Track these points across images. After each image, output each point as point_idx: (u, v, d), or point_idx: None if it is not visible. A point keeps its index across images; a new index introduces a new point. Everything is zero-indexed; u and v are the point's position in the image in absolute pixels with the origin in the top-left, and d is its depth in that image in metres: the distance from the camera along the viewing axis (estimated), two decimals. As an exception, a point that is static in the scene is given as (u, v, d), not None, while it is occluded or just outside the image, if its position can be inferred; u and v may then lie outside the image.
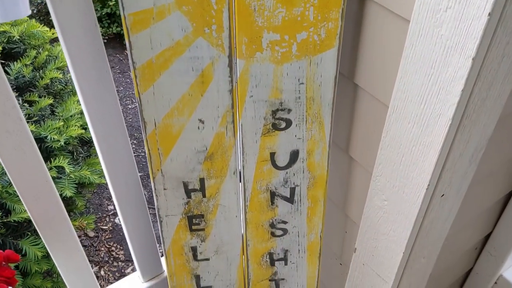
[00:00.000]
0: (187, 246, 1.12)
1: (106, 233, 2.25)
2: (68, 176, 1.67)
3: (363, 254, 1.10)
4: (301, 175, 1.02)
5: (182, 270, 1.16)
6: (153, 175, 0.99)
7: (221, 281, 1.19)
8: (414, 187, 0.86)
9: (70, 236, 1.10)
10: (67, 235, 1.09)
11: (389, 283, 1.05)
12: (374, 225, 1.01)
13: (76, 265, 1.17)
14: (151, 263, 1.36)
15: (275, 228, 1.10)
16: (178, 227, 1.08)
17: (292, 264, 1.18)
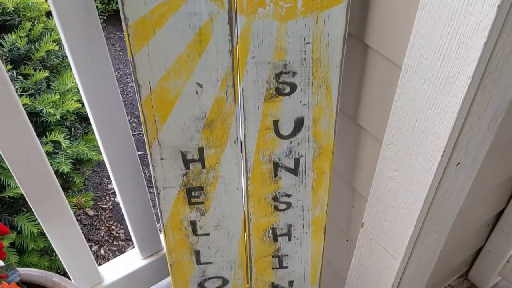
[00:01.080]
0: (186, 220, 1.07)
1: (106, 212, 2.21)
2: (64, 151, 1.62)
3: (371, 229, 1.04)
4: (306, 145, 0.96)
5: (181, 245, 1.11)
6: (149, 144, 0.93)
7: (222, 257, 1.15)
8: (428, 155, 0.80)
9: (63, 209, 1.05)
10: (60, 208, 1.04)
11: (399, 259, 1.00)
12: (383, 198, 0.96)
13: (70, 240, 1.12)
14: (149, 240, 1.31)
15: (279, 202, 1.05)
16: (176, 200, 1.03)
17: (296, 239, 1.12)
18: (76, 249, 1.16)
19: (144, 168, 1.22)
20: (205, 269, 1.17)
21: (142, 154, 2.29)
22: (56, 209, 1.03)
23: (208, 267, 1.16)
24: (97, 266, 1.25)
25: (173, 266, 1.15)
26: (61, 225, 1.07)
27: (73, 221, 1.09)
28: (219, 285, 1.21)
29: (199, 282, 1.19)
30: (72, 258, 1.17)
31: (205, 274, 1.18)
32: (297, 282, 1.22)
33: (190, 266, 1.15)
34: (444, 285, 1.45)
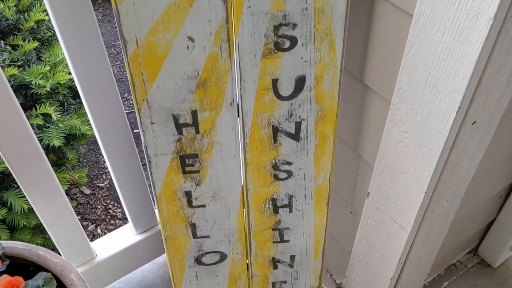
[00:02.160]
0: (180, 191, 1.00)
1: (103, 190, 2.15)
2: (56, 125, 1.56)
3: (377, 198, 0.98)
4: (308, 107, 0.89)
5: (176, 218, 1.05)
6: (138, 106, 0.86)
7: (220, 231, 1.08)
8: (441, 112, 0.73)
9: (49, 179, 0.98)
10: (45, 178, 0.97)
11: (407, 230, 0.94)
12: (391, 163, 0.89)
13: (58, 213, 1.06)
14: (144, 214, 1.25)
15: (279, 170, 0.98)
16: (169, 169, 0.96)
17: (298, 211, 1.06)
18: (65, 223, 1.10)
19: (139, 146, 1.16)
20: (202, 243, 1.11)
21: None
22: (41, 178, 0.97)
23: (205, 241, 1.10)
24: (89, 242, 1.19)
25: (168, 240, 1.09)
26: (48, 196, 1.01)
27: (61, 192, 1.03)
28: (217, 260, 1.15)
29: (196, 257, 1.13)
30: (61, 233, 1.11)
31: (202, 248, 1.11)
32: (299, 256, 1.15)
33: (186, 240, 1.09)
34: (452, 261, 1.39)
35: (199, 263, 1.15)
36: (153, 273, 1.40)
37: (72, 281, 0.86)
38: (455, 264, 1.40)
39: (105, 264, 1.22)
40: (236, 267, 1.17)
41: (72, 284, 0.86)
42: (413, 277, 1.13)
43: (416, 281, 1.17)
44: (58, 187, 1.01)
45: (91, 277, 1.22)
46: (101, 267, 1.22)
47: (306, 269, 1.19)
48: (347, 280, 1.24)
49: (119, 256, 1.24)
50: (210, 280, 1.19)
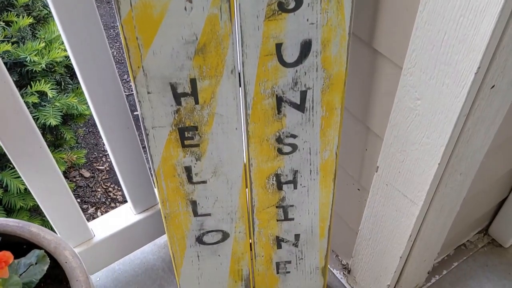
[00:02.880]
0: (180, 166, 0.96)
1: (103, 173, 2.11)
2: (52, 104, 1.51)
3: (386, 173, 0.93)
4: (314, 74, 0.84)
5: (176, 194, 1.00)
6: (133, 74, 0.81)
7: (221, 208, 1.04)
8: (458, 75, 0.68)
9: (42, 154, 0.94)
10: (38, 153, 0.93)
11: (418, 205, 0.89)
12: (402, 134, 0.84)
13: (54, 190, 1.02)
14: (143, 193, 1.21)
15: (283, 144, 0.93)
16: (168, 142, 0.91)
17: (303, 188, 1.01)
18: (60, 201, 1.05)
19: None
20: (203, 222, 1.06)
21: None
22: (33, 153, 0.92)
23: (206, 219, 1.06)
24: (86, 222, 1.15)
25: (168, 219, 1.05)
26: (41, 172, 0.97)
27: (55, 168, 0.98)
28: (219, 240, 1.11)
29: (197, 236, 1.09)
30: (57, 211, 1.06)
31: (203, 227, 1.07)
32: (304, 235, 1.11)
33: (186, 218, 1.05)
34: (462, 241, 1.35)
35: (201, 243, 1.11)
36: (154, 254, 1.36)
37: (67, 259, 0.82)
38: (465, 244, 1.36)
39: (104, 244, 1.18)
40: (239, 246, 1.13)
41: (66, 262, 0.82)
42: (423, 256, 1.08)
43: (426, 261, 1.12)
44: (51, 162, 0.96)
45: (89, 258, 1.18)
46: (99, 247, 1.18)
47: (312, 248, 1.15)
48: (354, 260, 1.19)
49: (117, 236, 1.20)
50: (212, 260, 1.15)
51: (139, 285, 1.29)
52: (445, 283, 1.28)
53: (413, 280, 1.17)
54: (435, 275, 1.29)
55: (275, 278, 1.22)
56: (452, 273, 1.30)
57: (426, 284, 1.27)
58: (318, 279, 1.23)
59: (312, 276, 1.22)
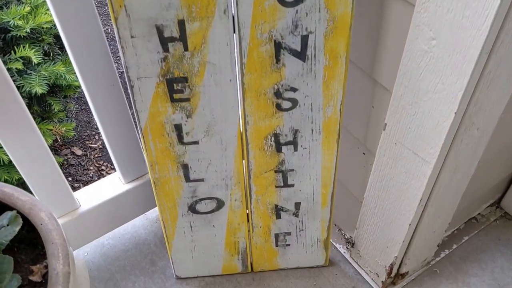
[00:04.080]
0: (169, 124, 0.87)
1: (96, 151, 2.03)
2: (39, 72, 1.42)
3: (395, 130, 0.85)
4: (316, 16, 0.75)
5: (165, 157, 0.92)
6: (115, 15, 0.73)
7: (215, 173, 0.96)
8: (480, 4, 0.59)
9: (18, 110, 0.86)
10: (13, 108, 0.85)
11: (431, 163, 0.81)
12: (414, 83, 0.76)
13: (31, 151, 0.93)
14: (132, 162, 1.13)
15: (282, 99, 0.85)
16: (155, 96, 0.83)
17: (304, 149, 0.93)
18: (41, 166, 0.97)
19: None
20: (195, 188, 0.98)
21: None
22: (7, 107, 0.84)
23: (199, 185, 0.98)
24: (71, 191, 1.07)
25: (158, 184, 0.97)
26: (17, 131, 0.88)
27: (33, 127, 0.90)
28: (213, 208, 1.03)
29: (190, 204, 1.01)
30: (37, 177, 0.98)
31: (196, 194, 0.99)
32: (305, 203, 1.03)
33: (177, 184, 0.97)
34: (473, 213, 1.27)
35: (193, 212, 1.03)
36: (145, 228, 1.28)
37: (42, 220, 0.74)
38: (476, 217, 1.28)
39: (90, 215, 1.11)
40: (235, 216, 1.05)
41: (42, 224, 0.74)
42: (433, 225, 1.01)
43: (436, 231, 1.05)
44: (29, 120, 0.88)
45: (74, 230, 1.10)
46: (86, 218, 1.10)
47: (313, 218, 1.07)
48: (358, 232, 1.12)
49: (105, 206, 1.12)
50: (206, 231, 1.07)
51: (129, 260, 1.21)
52: (456, 258, 1.20)
53: (421, 253, 1.09)
54: (445, 249, 1.21)
55: (273, 251, 1.14)
56: (463, 247, 1.22)
57: (435, 259, 1.19)
58: (320, 253, 1.15)
59: (314, 249, 1.14)
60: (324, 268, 1.19)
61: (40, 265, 0.73)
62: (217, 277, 1.18)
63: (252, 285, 1.16)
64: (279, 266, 1.19)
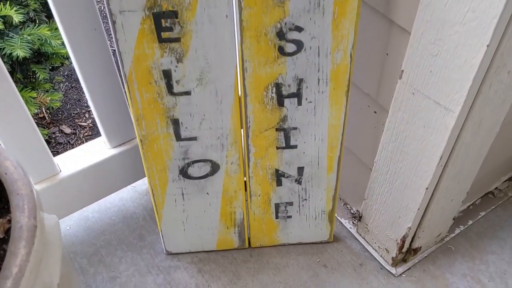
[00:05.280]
0: (157, 70, 0.77)
1: (85, 130, 1.92)
2: (21, 36, 1.32)
3: (414, 76, 0.75)
4: None
5: (153, 110, 0.82)
6: None
7: (209, 130, 0.86)
8: None
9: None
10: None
11: (454, 112, 0.71)
12: (438, 15, 0.65)
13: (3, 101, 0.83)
14: (120, 125, 1.02)
15: (285, 40, 0.75)
16: (140, 34, 0.73)
17: (309, 103, 0.83)
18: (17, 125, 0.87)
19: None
20: (187, 148, 0.88)
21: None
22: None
23: (191, 145, 0.87)
24: (50, 154, 0.97)
25: (145, 143, 0.86)
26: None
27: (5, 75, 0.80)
28: (207, 173, 0.92)
29: (181, 167, 0.91)
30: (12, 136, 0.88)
31: (188, 155, 0.89)
32: (309, 168, 0.93)
33: (167, 143, 0.87)
34: (490, 188, 1.17)
35: (185, 176, 0.93)
36: (134, 201, 1.18)
37: (7, 169, 0.64)
38: (493, 192, 1.18)
39: (72, 182, 1.00)
40: (231, 182, 0.94)
41: (6, 173, 0.64)
42: (452, 191, 0.91)
43: (453, 200, 0.95)
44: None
45: (54, 197, 1.00)
46: (67, 185, 1.00)
47: (317, 186, 0.96)
48: (367, 203, 1.02)
49: (88, 173, 1.02)
50: (199, 199, 0.97)
51: (116, 234, 1.11)
52: (471, 234, 1.10)
53: (436, 225, 0.99)
54: (460, 225, 1.11)
55: (273, 224, 1.04)
56: (479, 223, 1.12)
57: (449, 235, 1.09)
58: (324, 226, 1.05)
59: (318, 222, 1.04)
60: (328, 244, 1.09)
61: (3, 220, 0.62)
62: (211, 253, 1.08)
63: (249, 262, 1.06)
64: (279, 241, 1.08)
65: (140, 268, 1.05)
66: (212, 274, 1.04)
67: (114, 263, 1.06)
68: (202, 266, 1.05)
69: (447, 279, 1.03)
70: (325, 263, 1.06)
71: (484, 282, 1.02)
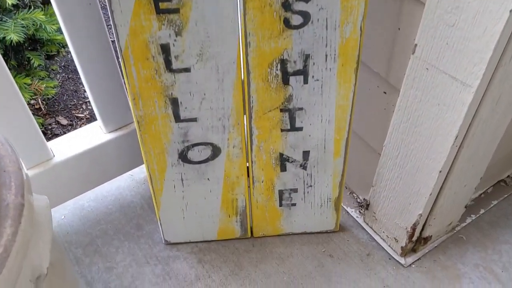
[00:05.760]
0: (154, 44, 0.73)
1: (82, 121, 1.88)
2: (15, 20, 1.28)
3: (428, 50, 0.70)
4: None
5: (151, 88, 0.77)
6: None
7: (210, 111, 0.81)
8: None
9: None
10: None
11: (472, 86, 0.66)
12: (456, -21, 0.61)
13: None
14: (116, 108, 0.98)
15: (291, 12, 0.70)
16: (136, 5, 0.68)
17: (315, 82, 0.79)
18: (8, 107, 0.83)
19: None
20: (187, 130, 0.83)
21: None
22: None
23: (191, 126, 0.83)
24: (43, 138, 0.92)
25: (142, 124, 0.82)
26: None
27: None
28: (207, 157, 0.88)
29: (180, 150, 0.86)
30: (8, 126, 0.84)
31: (188, 138, 0.84)
32: (315, 153, 0.88)
33: (166, 124, 0.82)
34: (502, 175, 1.12)
35: (185, 161, 0.88)
36: (131, 190, 1.13)
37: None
38: (505, 180, 1.14)
39: (66, 167, 0.96)
40: (233, 167, 0.90)
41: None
42: (466, 175, 0.86)
43: (466, 185, 0.90)
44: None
45: (48, 183, 0.95)
46: (61, 171, 0.96)
47: (323, 172, 0.92)
48: (375, 190, 0.97)
49: (83, 158, 0.97)
50: (200, 185, 0.92)
51: (112, 224, 1.07)
52: (483, 223, 1.06)
53: (448, 212, 0.94)
54: (471, 214, 1.07)
55: (277, 212, 0.99)
56: (491, 212, 1.08)
57: (460, 225, 1.05)
58: (329, 215, 1.01)
59: (323, 210, 1.00)
60: (334, 234, 1.05)
61: (-12, 199, 0.58)
62: (212, 243, 1.03)
63: (252, 252, 1.02)
64: (283, 230, 1.04)
65: (138, 259, 1.00)
66: (213, 264, 0.99)
67: (110, 253, 1.02)
68: (202, 256, 1.01)
69: (458, 269, 0.98)
70: (330, 253, 1.01)
71: (497, 272, 0.97)
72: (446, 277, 0.97)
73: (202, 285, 0.96)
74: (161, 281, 0.97)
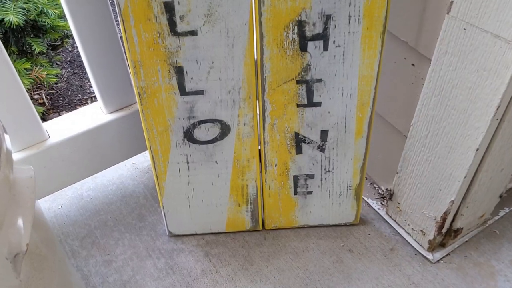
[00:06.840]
0: (157, 1, 0.65)
1: (87, 116, 1.81)
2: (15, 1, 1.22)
3: (466, 7, 0.62)
4: None
5: (153, 54, 0.70)
6: None
7: (219, 82, 0.73)
8: None
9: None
10: None
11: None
12: None
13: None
14: (118, 87, 0.90)
15: (310, -35, 0.62)
16: (137, -46, 0.61)
17: (337, 48, 0.70)
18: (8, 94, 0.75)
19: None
20: (193, 105, 0.75)
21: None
22: None
23: (198, 100, 0.75)
24: (38, 118, 0.85)
25: (144, 97, 0.74)
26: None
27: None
28: (215, 136, 0.80)
29: (186, 128, 0.78)
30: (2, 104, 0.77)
31: (194, 113, 0.76)
32: (334, 132, 0.80)
33: (169, 97, 0.74)
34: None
35: (191, 140, 0.80)
36: (134, 179, 1.05)
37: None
38: (540, 171, 1.04)
39: (62, 150, 0.88)
40: (244, 148, 0.82)
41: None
42: (503, 158, 0.77)
43: (503, 170, 0.81)
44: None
45: (42, 167, 0.87)
46: (57, 154, 0.88)
47: (343, 155, 0.83)
48: (400, 177, 0.88)
49: (81, 140, 0.89)
50: (207, 169, 0.84)
51: (113, 214, 0.98)
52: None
53: (482, 202, 0.85)
54: (504, 207, 0.97)
55: (291, 201, 0.90)
56: (526, 205, 0.98)
57: (492, 218, 0.95)
58: (349, 205, 0.92)
59: (342, 199, 0.91)
60: (353, 227, 0.96)
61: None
62: (220, 235, 0.95)
63: (263, 246, 0.93)
64: (298, 223, 0.95)
65: (139, 251, 0.92)
66: (221, 259, 0.91)
67: (109, 245, 0.93)
68: (209, 250, 0.92)
69: (492, 266, 0.88)
70: (350, 247, 0.92)
71: (536, 270, 0.88)
72: (479, 275, 0.87)
73: (208, 281, 0.87)
74: (163, 276, 0.88)
